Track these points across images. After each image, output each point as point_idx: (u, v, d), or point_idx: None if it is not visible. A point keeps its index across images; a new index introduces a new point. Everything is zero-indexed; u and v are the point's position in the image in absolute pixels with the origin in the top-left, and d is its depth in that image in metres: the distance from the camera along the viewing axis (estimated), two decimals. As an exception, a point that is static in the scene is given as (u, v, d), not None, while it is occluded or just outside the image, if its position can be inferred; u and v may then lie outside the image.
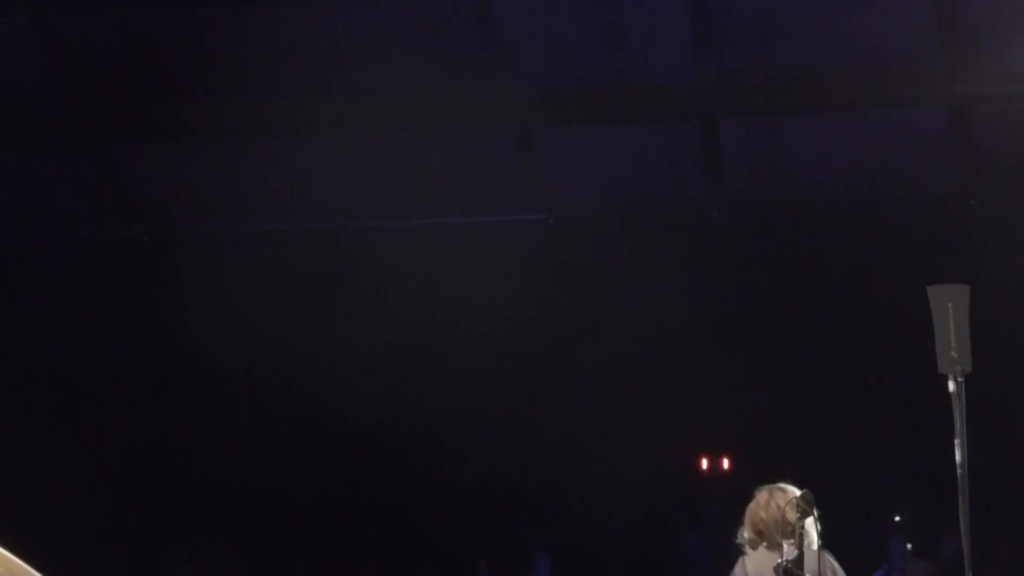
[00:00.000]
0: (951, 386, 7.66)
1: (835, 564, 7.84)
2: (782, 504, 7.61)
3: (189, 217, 17.14)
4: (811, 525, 7.61)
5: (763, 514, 7.74)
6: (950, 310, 7.61)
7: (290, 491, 17.71)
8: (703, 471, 18.03)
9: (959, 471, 7.63)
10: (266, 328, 16.56)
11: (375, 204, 16.52)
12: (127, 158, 16.78)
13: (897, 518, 17.07)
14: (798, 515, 7.53)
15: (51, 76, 15.88)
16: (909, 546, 16.86)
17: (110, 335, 17.53)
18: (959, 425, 7.61)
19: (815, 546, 7.65)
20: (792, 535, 7.61)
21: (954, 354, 7.60)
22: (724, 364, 16.61)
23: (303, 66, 15.46)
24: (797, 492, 7.68)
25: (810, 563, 7.60)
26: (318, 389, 17.02)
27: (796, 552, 7.63)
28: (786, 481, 7.81)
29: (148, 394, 17.79)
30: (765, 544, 7.71)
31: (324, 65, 15.44)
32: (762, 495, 7.78)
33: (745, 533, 7.80)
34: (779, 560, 7.49)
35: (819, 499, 7.91)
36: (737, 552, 7.77)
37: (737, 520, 7.84)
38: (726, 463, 17.90)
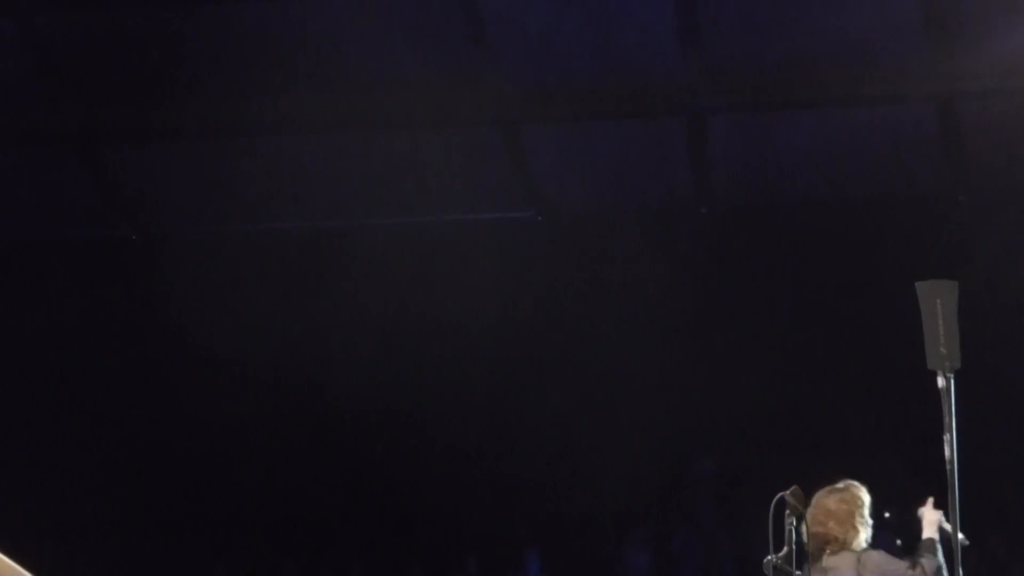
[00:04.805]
0: (940, 382, 7.67)
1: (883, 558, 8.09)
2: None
3: (177, 217, 17.10)
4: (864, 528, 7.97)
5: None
6: (939, 306, 7.62)
7: (283, 488, 17.69)
8: (692, 468, 18.00)
9: (948, 467, 7.64)
10: (257, 326, 16.54)
11: (362, 202, 16.48)
12: (114, 159, 16.72)
13: (887, 514, 17.06)
14: (788, 513, 7.55)
15: (36, 77, 15.82)
16: (899, 542, 16.86)
17: (100, 336, 17.49)
18: (948, 421, 7.62)
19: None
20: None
21: (943, 350, 7.60)
22: (713, 360, 16.60)
23: (289, 64, 15.44)
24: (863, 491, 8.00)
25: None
26: (307, 387, 17.03)
27: (787, 549, 7.64)
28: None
29: (139, 394, 17.75)
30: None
31: (310, 63, 15.41)
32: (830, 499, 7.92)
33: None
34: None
35: (808, 495, 7.95)
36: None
37: (726, 517, 7.88)
38: (715, 460, 17.86)
